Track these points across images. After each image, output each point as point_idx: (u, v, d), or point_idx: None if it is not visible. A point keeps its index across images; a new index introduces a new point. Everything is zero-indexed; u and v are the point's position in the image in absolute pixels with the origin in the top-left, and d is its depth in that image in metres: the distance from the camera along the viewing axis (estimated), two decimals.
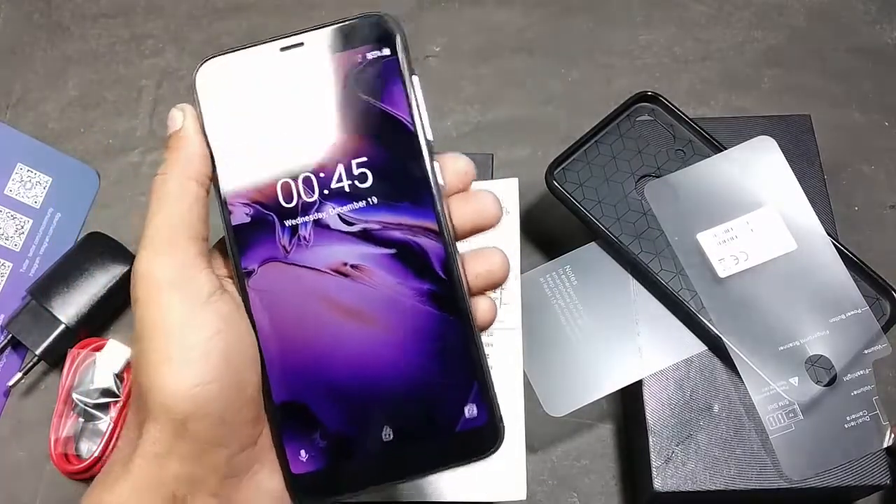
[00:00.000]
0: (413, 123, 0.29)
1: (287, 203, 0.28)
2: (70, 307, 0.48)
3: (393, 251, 0.28)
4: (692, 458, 0.40)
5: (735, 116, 0.50)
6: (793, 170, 0.43)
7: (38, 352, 0.47)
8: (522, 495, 0.41)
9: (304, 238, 0.28)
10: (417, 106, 0.29)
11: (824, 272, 0.41)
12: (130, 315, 0.50)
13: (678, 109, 0.46)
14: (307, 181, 0.28)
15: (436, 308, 0.28)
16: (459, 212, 0.29)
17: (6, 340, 0.48)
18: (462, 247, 0.29)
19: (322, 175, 0.28)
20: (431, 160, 0.29)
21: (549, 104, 0.57)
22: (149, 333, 0.26)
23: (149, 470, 0.25)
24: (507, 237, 0.46)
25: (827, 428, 0.39)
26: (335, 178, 0.28)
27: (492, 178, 0.50)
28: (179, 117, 0.29)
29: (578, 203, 0.45)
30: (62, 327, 0.47)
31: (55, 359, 0.48)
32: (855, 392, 0.40)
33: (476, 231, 0.30)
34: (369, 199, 0.28)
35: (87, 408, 0.46)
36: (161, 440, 0.25)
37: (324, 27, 0.30)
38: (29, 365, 0.47)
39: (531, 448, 0.45)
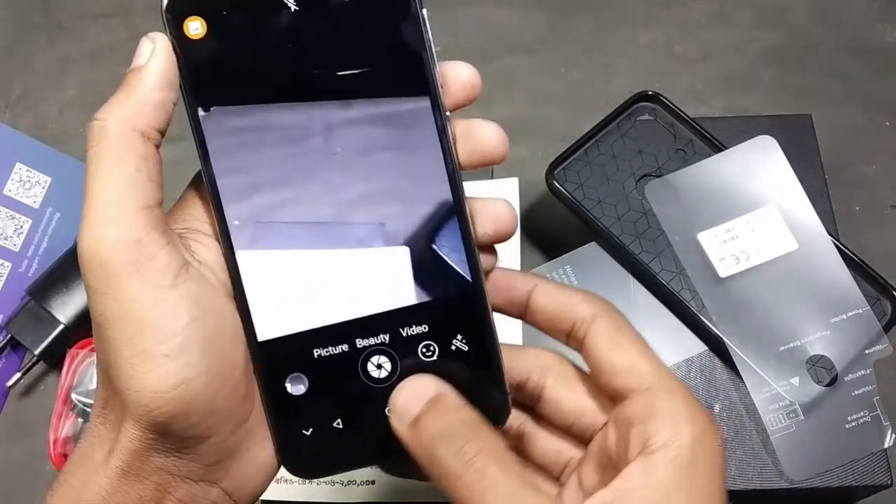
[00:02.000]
0: (428, 61, 0.26)
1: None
2: (69, 307, 0.48)
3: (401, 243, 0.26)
4: None
5: (735, 116, 0.50)
6: (793, 169, 0.43)
7: (37, 352, 0.47)
8: None
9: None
10: (430, 47, 0.26)
11: (825, 272, 0.41)
12: None
13: (678, 109, 0.46)
14: (306, 130, 0.25)
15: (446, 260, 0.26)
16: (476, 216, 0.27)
17: (5, 340, 0.48)
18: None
19: (323, 117, 0.25)
20: (443, 108, 0.26)
21: (549, 104, 0.57)
22: (113, 327, 0.23)
23: (131, 464, 0.23)
24: None
25: (828, 428, 0.39)
26: (339, 118, 0.25)
27: (492, 178, 0.50)
28: (147, 50, 0.24)
29: (578, 203, 0.45)
30: (61, 327, 0.47)
31: (54, 359, 0.48)
32: (856, 392, 0.40)
33: (493, 242, 0.27)
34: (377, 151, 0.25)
35: (86, 408, 0.45)
36: (142, 438, 0.23)
37: None
38: (28, 365, 0.47)
39: None
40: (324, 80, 0.25)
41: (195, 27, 0.25)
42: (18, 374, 0.47)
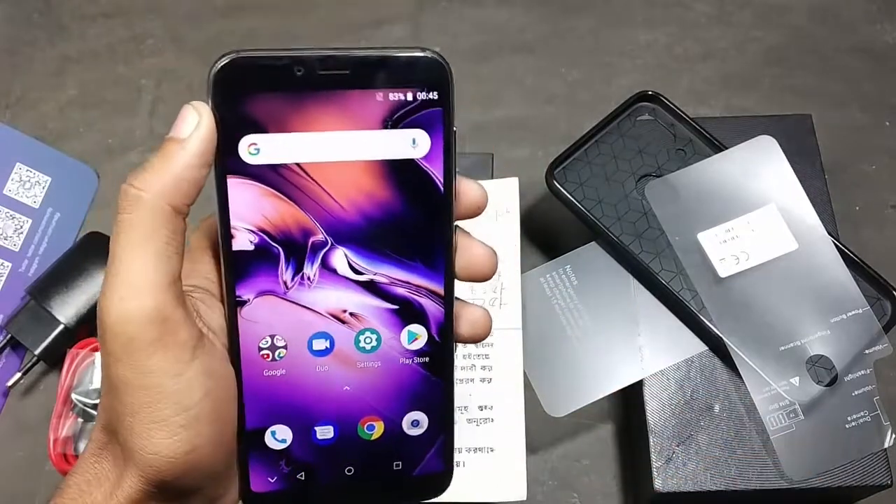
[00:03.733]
0: (445, 183, 0.27)
1: (298, 239, 0.26)
2: (69, 307, 0.48)
3: (395, 307, 0.28)
4: (693, 458, 0.40)
5: (735, 116, 0.50)
6: (794, 169, 0.43)
7: (37, 352, 0.47)
8: (523, 496, 0.41)
9: (308, 278, 0.27)
10: (453, 166, 0.27)
11: (825, 272, 0.41)
12: None
13: (679, 109, 0.46)
14: (323, 219, 0.26)
15: (422, 367, 0.28)
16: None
17: (5, 340, 0.48)
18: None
19: (339, 217, 0.26)
20: (453, 223, 0.27)
21: (550, 104, 0.57)
22: (133, 393, 0.24)
23: None
24: (507, 237, 0.46)
25: (828, 428, 0.39)
26: (352, 222, 0.26)
27: (492, 177, 0.50)
28: (192, 121, 0.24)
29: (578, 203, 0.45)
30: (61, 327, 0.47)
31: (54, 359, 0.48)
32: (856, 392, 0.40)
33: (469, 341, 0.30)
34: (383, 252, 0.27)
35: (86, 408, 0.45)
36: (145, 490, 0.24)
37: (372, 54, 0.25)
38: (28, 365, 0.47)
39: (531, 448, 0.45)
40: (350, 185, 0.26)
41: (244, 104, 0.25)
42: (18, 374, 0.47)
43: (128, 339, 0.23)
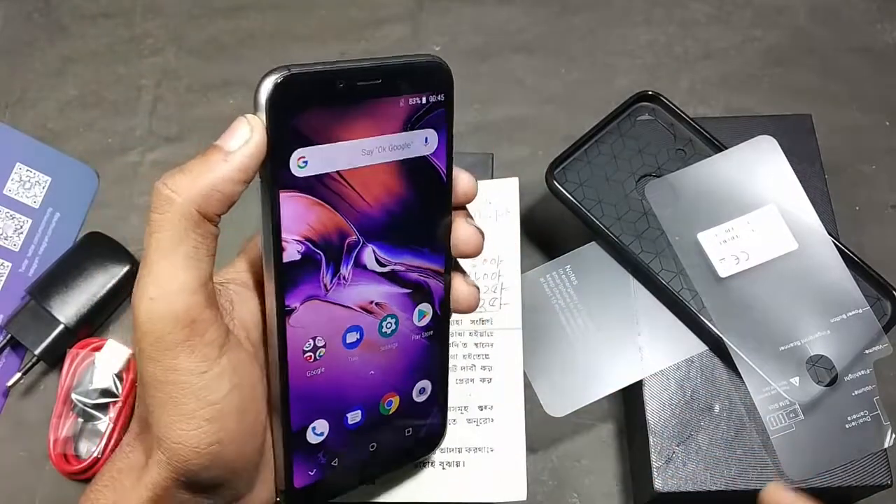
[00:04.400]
0: (448, 176, 0.29)
1: (336, 242, 0.27)
2: (69, 307, 0.48)
3: (409, 291, 0.30)
4: (693, 458, 0.40)
5: (735, 116, 0.50)
6: (794, 169, 0.43)
7: (37, 352, 0.47)
8: (523, 496, 0.41)
9: (344, 277, 0.28)
10: (452, 158, 0.29)
11: (825, 272, 0.41)
12: (130, 315, 0.50)
13: (678, 109, 0.46)
14: (357, 221, 0.28)
15: (428, 340, 0.31)
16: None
17: (5, 340, 0.48)
18: None
19: (369, 216, 0.28)
20: (451, 209, 0.30)
21: (550, 104, 0.57)
22: (162, 388, 0.25)
23: (158, 495, 0.26)
24: (507, 237, 0.46)
25: (828, 428, 0.39)
26: (379, 219, 0.28)
27: (492, 177, 0.50)
28: (242, 136, 0.24)
29: (578, 203, 0.45)
30: (61, 327, 0.47)
31: (54, 359, 0.48)
32: (856, 392, 0.40)
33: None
34: (402, 243, 0.29)
35: (86, 408, 0.45)
36: (170, 478, 0.25)
37: (396, 63, 0.27)
38: (28, 365, 0.47)
39: (531, 448, 0.45)
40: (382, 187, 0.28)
41: (295, 120, 0.26)
42: (18, 374, 0.47)
43: (156, 338, 0.24)
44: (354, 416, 0.30)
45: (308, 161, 0.26)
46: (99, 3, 0.62)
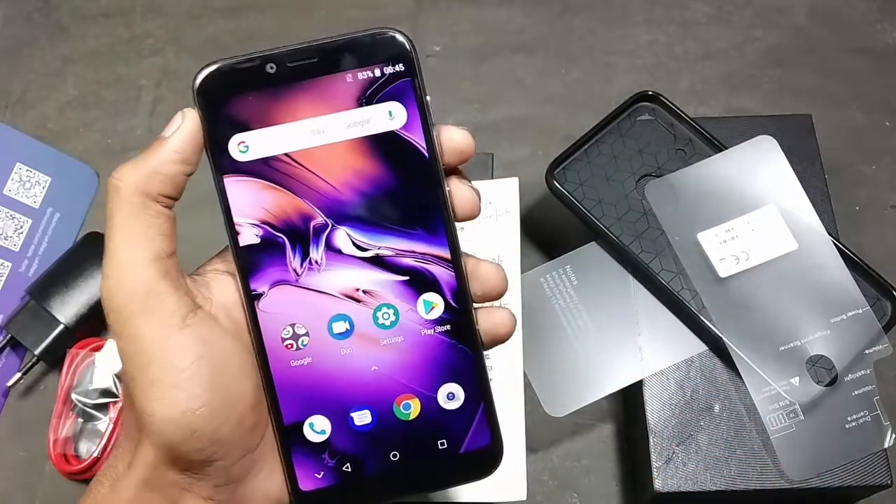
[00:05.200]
0: (428, 148, 0.28)
1: (299, 225, 0.27)
2: (69, 307, 0.48)
3: (406, 278, 0.28)
4: (693, 458, 0.40)
5: (735, 116, 0.50)
6: (794, 169, 0.43)
7: (37, 352, 0.47)
8: (522, 496, 0.41)
9: (316, 262, 0.28)
10: (432, 129, 0.28)
11: (825, 272, 0.41)
12: None
13: (678, 109, 0.46)
14: (319, 203, 0.27)
15: (445, 336, 0.29)
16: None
17: (5, 340, 0.48)
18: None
19: (334, 198, 0.27)
20: (444, 185, 0.28)
21: (550, 104, 0.57)
22: (131, 361, 0.26)
23: (147, 476, 0.26)
24: (507, 237, 0.46)
25: (828, 428, 0.39)
26: (348, 201, 0.28)
27: (492, 177, 0.50)
28: (176, 123, 0.27)
29: (578, 203, 0.45)
30: (61, 327, 0.47)
31: (54, 359, 0.48)
32: (856, 392, 0.40)
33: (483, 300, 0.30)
34: (382, 225, 0.28)
35: (86, 408, 0.45)
36: (156, 455, 0.26)
37: (335, 40, 0.27)
38: (28, 365, 0.47)
39: (531, 448, 0.45)
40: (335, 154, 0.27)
41: (227, 108, 0.27)
42: (18, 374, 0.47)
43: (117, 311, 0.26)
44: (362, 417, 0.28)
45: (249, 146, 0.27)
46: (99, 3, 0.62)
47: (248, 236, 0.27)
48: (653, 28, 0.59)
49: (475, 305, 0.29)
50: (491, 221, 0.47)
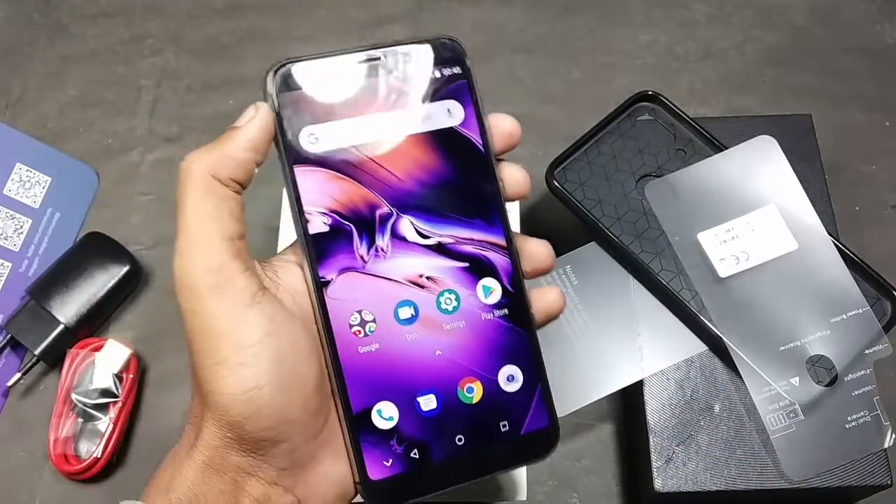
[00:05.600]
0: (483, 143, 0.30)
1: (366, 214, 0.28)
2: (69, 307, 0.48)
3: (466, 265, 0.30)
4: (693, 458, 0.40)
5: (735, 116, 0.50)
6: (794, 169, 0.43)
7: (37, 352, 0.47)
8: (523, 496, 0.41)
9: (382, 249, 0.29)
10: (486, 126, 0.30)
11: (825, 272, 0.41)
12: (129, 315, 0.50)
13: (679, 109, 0.46)
14: (384, 192, 0.29)
15: (504, 319, 0.30)
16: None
17: (5, 340, 0.48)
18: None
19: (399, 188, 0.29)
20: (499, 178, 0.30)
21: (550, 104, 0.57)
22: (198, 339, 0.26)
23: (211, 458, 0.26)
24: None
25: (828, 428, 0.39)
26: (411, 191, 0.29)
27: None
28: (250, 114, 0.28)
29: (578, 203, 0.45)
30: (61, 327, 0.47)
31: (54, 359, 0.48)
32: (856, 392, 0.40)
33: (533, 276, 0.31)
34: (443, 214, 0.29)
35: (86, 408, 0.45)
36: (221, 436, 0.26)
37: (400, 44, 0.30)
38: (28, 365, 0.47)
39: None
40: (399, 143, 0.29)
41: (299, 101, 0.28)
42: (18, 374, 0.47)
43: (187, 288, 0.26)
44: (428, 402, 0.28)
45: (318, 137, 0.28)
46: (99, 3, 0.62)
47: (318, 224, 0.28)
48: (653, 28, 0.59)
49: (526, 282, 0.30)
50: None
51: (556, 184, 0.45)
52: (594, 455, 0.46)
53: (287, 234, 0.46)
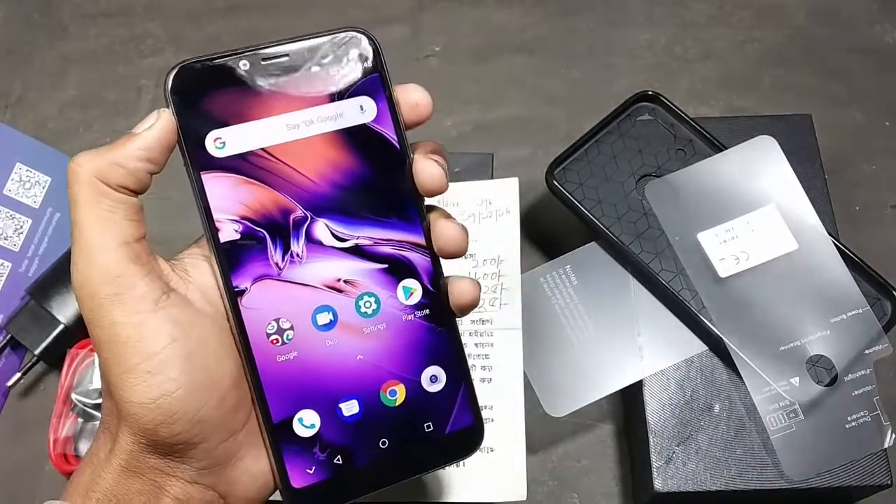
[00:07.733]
0: (399, 139, 0.29)
1: (279, 219, 0.28)
2: (69, 307, 0.48)
3: (385, 266, 0.29)
4: (693, 458, 0.40)
5: (735, 116, 0.50)
6: (794, 169, 0.43)
7: (37, 352, 0.47)
8: (523, 496, 0.41)
9: (297, 255, 0.28)
10: (401, 121, 0.29)
11: (825, 272, 0.41)
12: None
13: (679, 109, 0.46)
14: (297, 196, 0.28)
15: (425, 320, 0.29)
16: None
17: (5, 340, 0.48)
18: None
19: (312, 190, 0.28)
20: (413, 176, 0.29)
21: (550, 104, 0.57)
22: (105, 349, 0.26)
23: (129, 462, 0.26)
24: (507, 237, 0.46)
25: (828, 428, 0.39)
26: (325, 193, 0.28)
27: (492, 177, 0.50)
28: (149, 121, 0.27)
29: (579, 203, 0.45)
30: (61, 327, 0.47)
31: (54, 359, 0.48)
32: (856, 392, 0.40)
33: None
34: (360, 215, 0.28)
35: (86, 408, 0.45)
36: (135, 441, 0.26)
37: (306, 38, 0.28)
38: (28, 365, 0.47)
39: (531, 448, 0.45)
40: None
41: (201, 105, 0.27)
42: (18, 374, 0.47)
43: (89, 298, 0.25)
44: (350, 408, 0.28)
45: (225, 142, 0.27)
46: (99, 3, 0.62)
47: (229, 232, 0.27)
48: (653, 28, 0.59)
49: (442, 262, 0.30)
50: (491, 221, 0.47)
51: (556, 184, 0.45)
52: (594, 455, 0.46)
53: None
